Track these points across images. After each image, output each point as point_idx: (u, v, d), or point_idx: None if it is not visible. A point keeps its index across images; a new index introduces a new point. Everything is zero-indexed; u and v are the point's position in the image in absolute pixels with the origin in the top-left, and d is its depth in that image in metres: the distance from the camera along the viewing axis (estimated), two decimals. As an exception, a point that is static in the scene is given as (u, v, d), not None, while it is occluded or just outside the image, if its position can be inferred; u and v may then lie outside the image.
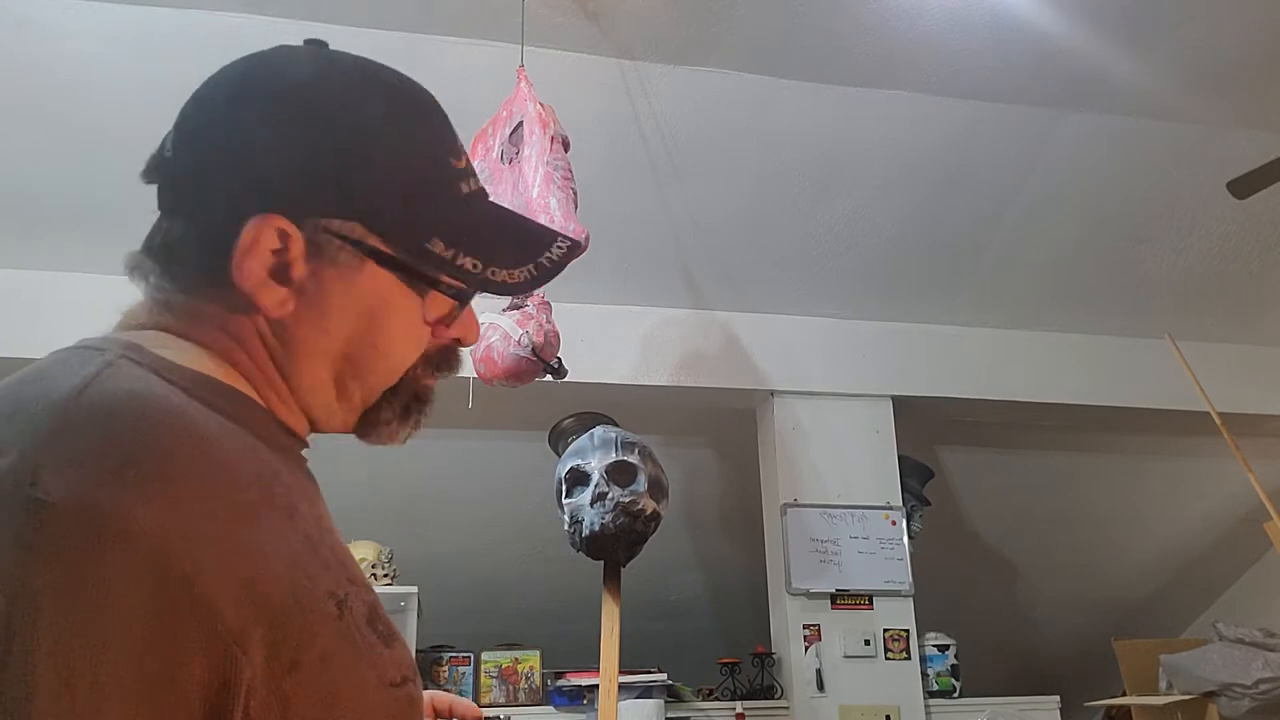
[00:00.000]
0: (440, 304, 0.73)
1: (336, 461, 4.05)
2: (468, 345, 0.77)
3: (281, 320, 0.67)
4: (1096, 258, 3.80)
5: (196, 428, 0.57)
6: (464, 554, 4.38)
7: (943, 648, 3.71)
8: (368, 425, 0.78)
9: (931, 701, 3.60)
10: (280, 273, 0.66)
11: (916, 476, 4.00)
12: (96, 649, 0.48)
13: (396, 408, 0.76)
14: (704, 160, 3.24)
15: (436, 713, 0.95)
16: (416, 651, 3.32)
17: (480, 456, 4.13)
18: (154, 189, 0.71)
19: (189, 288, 0.67)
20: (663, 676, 3.38)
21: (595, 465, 2.57)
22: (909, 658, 3.58)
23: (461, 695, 3.42)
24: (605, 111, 3.00)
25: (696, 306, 3.79)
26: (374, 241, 0.68)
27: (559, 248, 0.75)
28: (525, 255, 0.74)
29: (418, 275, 0.70)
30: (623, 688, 3.01)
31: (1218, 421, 3.43)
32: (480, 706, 3.37)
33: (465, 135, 2.69)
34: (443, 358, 0.76)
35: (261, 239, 0.65)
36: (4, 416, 0.53)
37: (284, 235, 0.65)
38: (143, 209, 0.74)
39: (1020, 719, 3.67)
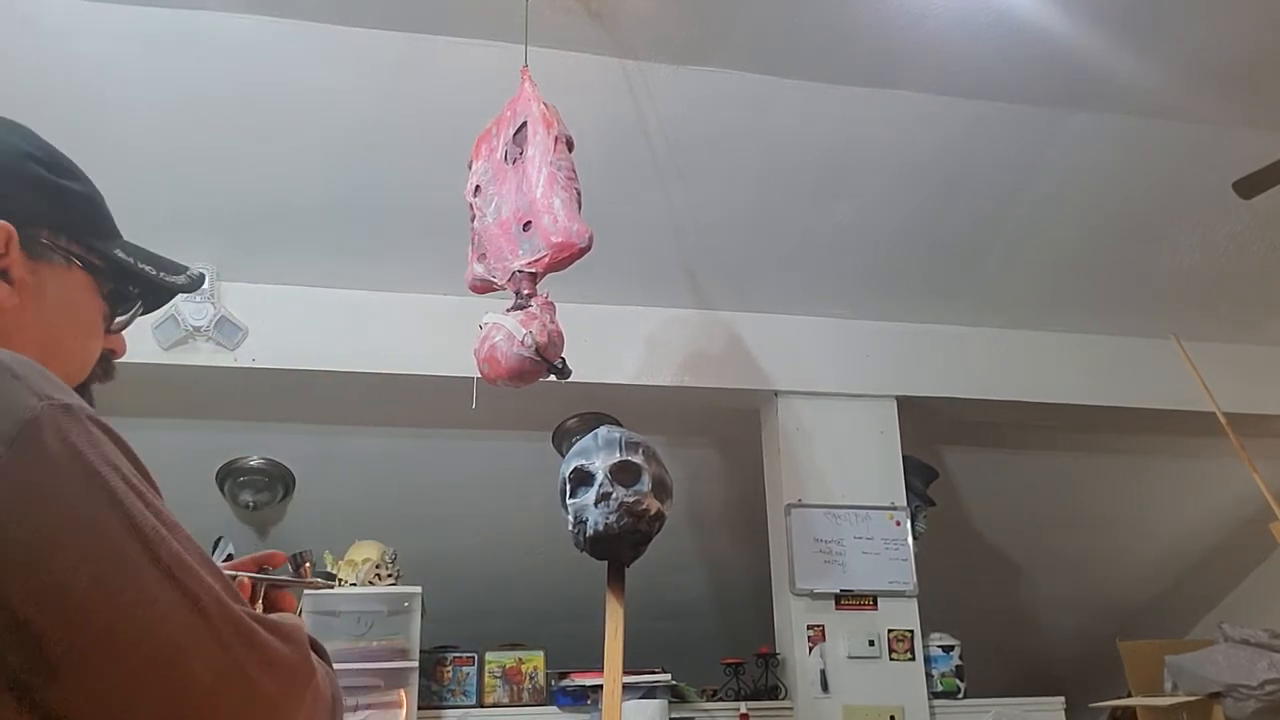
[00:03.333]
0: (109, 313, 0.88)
1: (340, 462, 4.04)
2: (118, 357, 0.91)
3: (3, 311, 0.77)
4: (1101, 258, 3.79)
5: None
6: (468, 554, 4.38)
7: (947, 648, 3.70)
8: None
9: (936, 702, 3.59)
10: (4, 273, 0.78)
11: (921, 477, 3.99)
12: None
13: None
14: (707, 160, 3.24)
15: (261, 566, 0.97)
16: (421, 651, 3.32)
17: (484, 457, 4.13)
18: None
19: None
20: (666, 677, 3.38)
21: (599, 465, 2.56)
22: (913, 658, 3.57)
23: (465, 695, 3.43)
24: (608, 111, 3.00)
25: (700, 306, 3.79)
26: (75, 248, 0.83)
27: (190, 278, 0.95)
28: (178, 267, 0.94)
29: (110, 276, 0.86)
30: (627, 688, 3.01)
31: (1223, 422, 3.42)
32: (484, 707, 3.38)
33: (469, 135, 2.70)
34: (104, 365, 0.89)
35: None
36: None
37: (7, 241, 0.77)
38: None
39: (1025, 720, 3.66)
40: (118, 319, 0.88)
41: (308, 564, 3.18)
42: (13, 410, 0.58)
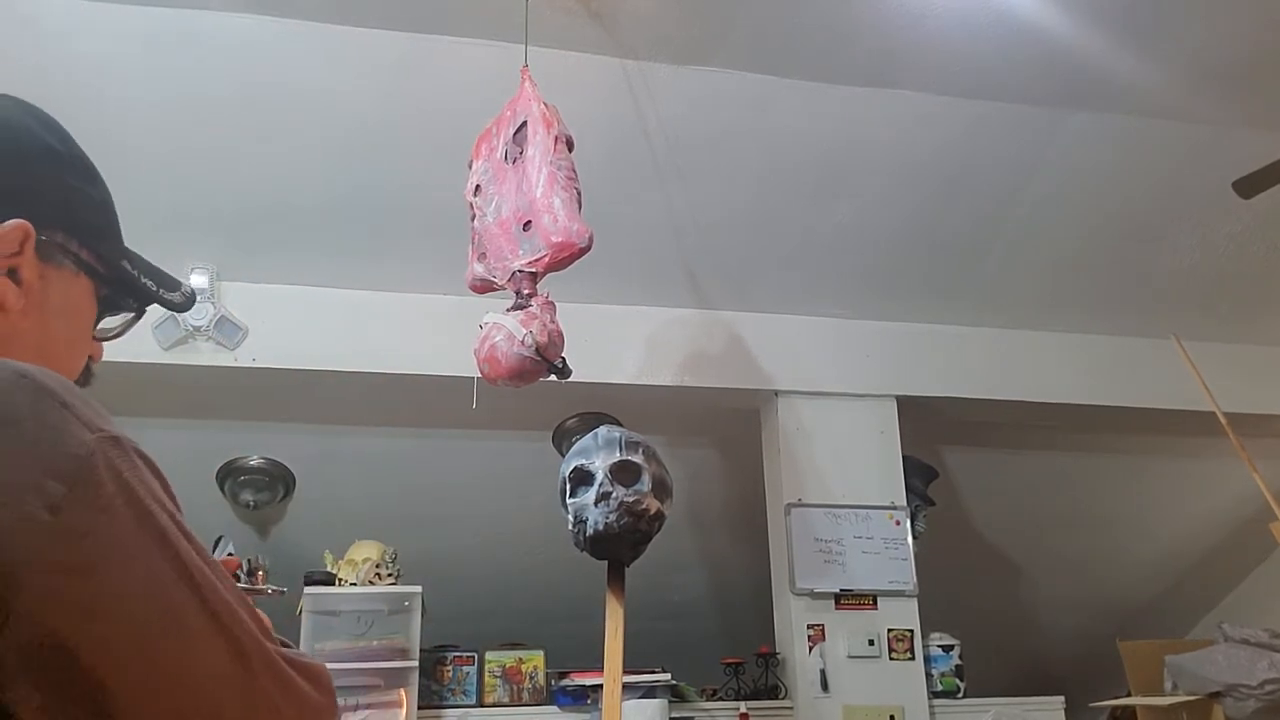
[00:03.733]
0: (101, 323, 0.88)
1: (340, 462, 4.03)
2: (95, 363, 0.90)
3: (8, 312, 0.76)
4: (1101, 257, 3.79)
5: None
6: (468, 554, 4.39)
7: (947, 648, 3.71)
8: None
9: (936, 702, 3.59)
10: (13, 273, 0.76)
11: (921, 476, 3.99)
12: None
13: None
14: (707, 160, 3.24)
15: None
16: (421, 651, 3.32)
17: (484, 456, 4.14)
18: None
19: None
20: (666, 676, 3.38)
21: (599, 465, 2.56)
22: (913, 658, 3.57)
23: (465, 695, 3.43)
24: (608, 111, 3.00)
25: (700, 306, 3.79)
26: (85, 254, 0.81)
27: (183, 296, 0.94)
28: (175, 283, 0.92)
29: (109, 284, 0.84)
30: (627, 688, 3.01)
31: (1223, 422, 3.42)
32: (484, 706, 3.38)
33: (469, 135, 2.70)
34: (84, 372, 0.88)
35: (7, 238, 0.75)
36: None
37: (24, 240, 0.75)
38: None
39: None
40: (102, 325, 0.88)
41: (260, 571, 3.31)
42: (67, 446, 0.58)
